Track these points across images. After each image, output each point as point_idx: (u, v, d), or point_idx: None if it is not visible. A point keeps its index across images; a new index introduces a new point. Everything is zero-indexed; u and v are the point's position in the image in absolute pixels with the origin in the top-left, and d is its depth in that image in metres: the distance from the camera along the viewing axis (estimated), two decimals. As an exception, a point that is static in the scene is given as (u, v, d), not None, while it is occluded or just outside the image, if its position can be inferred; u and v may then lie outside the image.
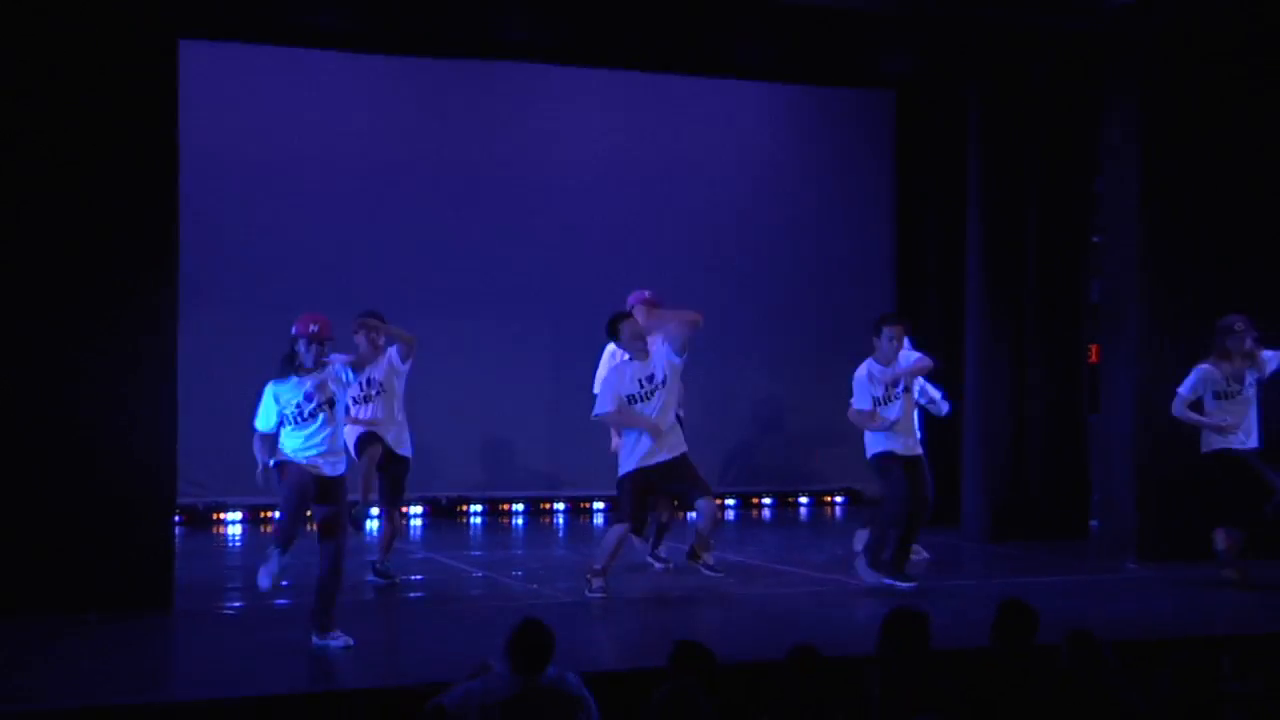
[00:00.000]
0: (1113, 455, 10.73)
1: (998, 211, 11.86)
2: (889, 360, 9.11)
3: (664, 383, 8.78)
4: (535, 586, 9.53)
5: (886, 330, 9.15)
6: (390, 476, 9.29)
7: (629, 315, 9.04)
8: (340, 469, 7.51)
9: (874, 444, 9.18)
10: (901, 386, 9.09)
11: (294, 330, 7.48)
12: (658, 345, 8.87)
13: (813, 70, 12.35)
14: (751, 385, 13.58)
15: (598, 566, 8.86)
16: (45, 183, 8.15)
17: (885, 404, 9.06)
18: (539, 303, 13.16)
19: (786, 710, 4.99)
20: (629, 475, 8.82)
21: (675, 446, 8.86)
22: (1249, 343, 9.42)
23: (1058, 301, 11.91)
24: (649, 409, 8.78)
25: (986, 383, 11.79)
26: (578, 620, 8.23)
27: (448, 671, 6.08)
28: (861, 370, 9.16)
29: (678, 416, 9.06)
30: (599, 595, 8.77)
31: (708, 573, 8.89)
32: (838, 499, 14.01)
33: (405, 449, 9.35)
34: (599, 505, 13.07)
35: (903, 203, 13.76)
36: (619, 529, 8.95)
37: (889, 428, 9.06)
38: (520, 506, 13.15)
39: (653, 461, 8.79)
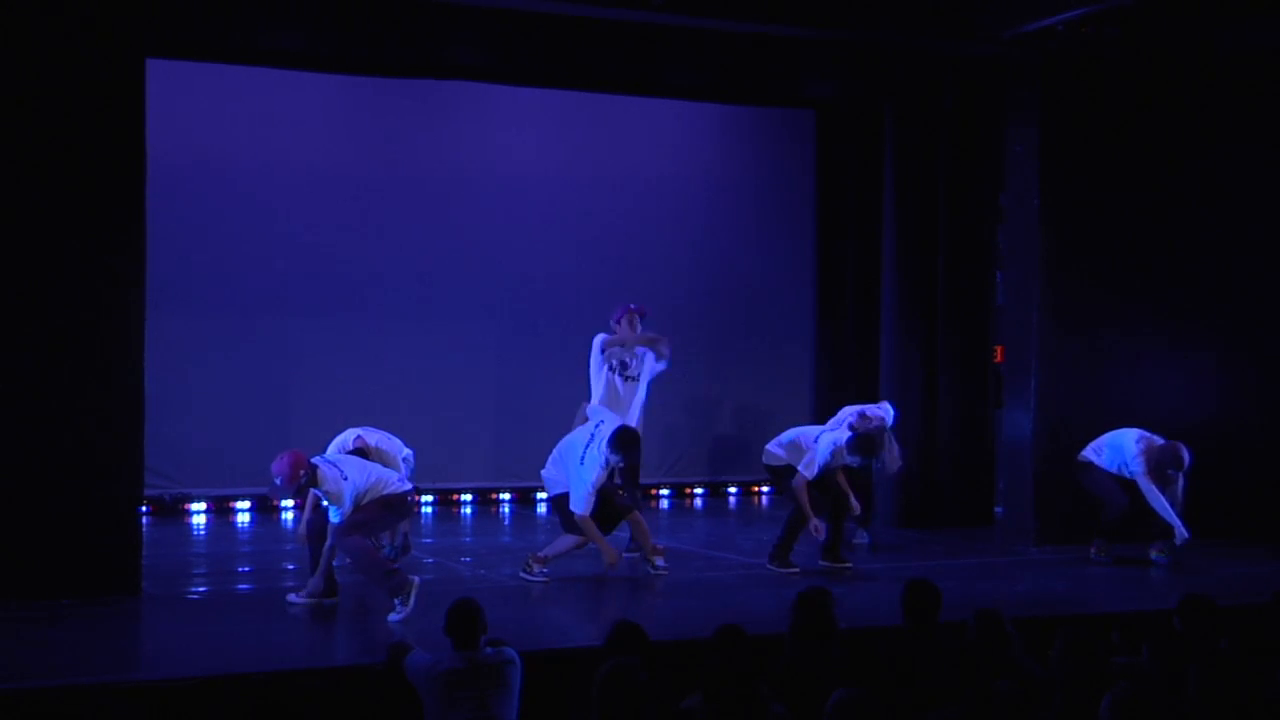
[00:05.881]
0: (1014, 448, 10.87)
1: (911, 222, 11.95)
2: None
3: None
4: (483, 572, 9.56)
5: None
6: None
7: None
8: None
9: None
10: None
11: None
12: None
13: (740, 91, 12.44)
14: (687, 384, 13.64)
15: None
16: (21, 190, 8.07)
17: None
18: (486, 304, 13.13)
19: (715, 685, 5.06)
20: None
21: None
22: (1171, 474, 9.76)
23: (966, 306, 12.00)
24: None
25: (900, 381, 11.87)
26: (520, 602, 8.30)
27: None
28: None
29: None
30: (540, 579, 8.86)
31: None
32: (764, 489, 14.12)
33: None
34: (541, 495, 13.09)
35: (823, 213, 13.83)
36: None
37: None
38: (469, 496, 13.16)
39: None
